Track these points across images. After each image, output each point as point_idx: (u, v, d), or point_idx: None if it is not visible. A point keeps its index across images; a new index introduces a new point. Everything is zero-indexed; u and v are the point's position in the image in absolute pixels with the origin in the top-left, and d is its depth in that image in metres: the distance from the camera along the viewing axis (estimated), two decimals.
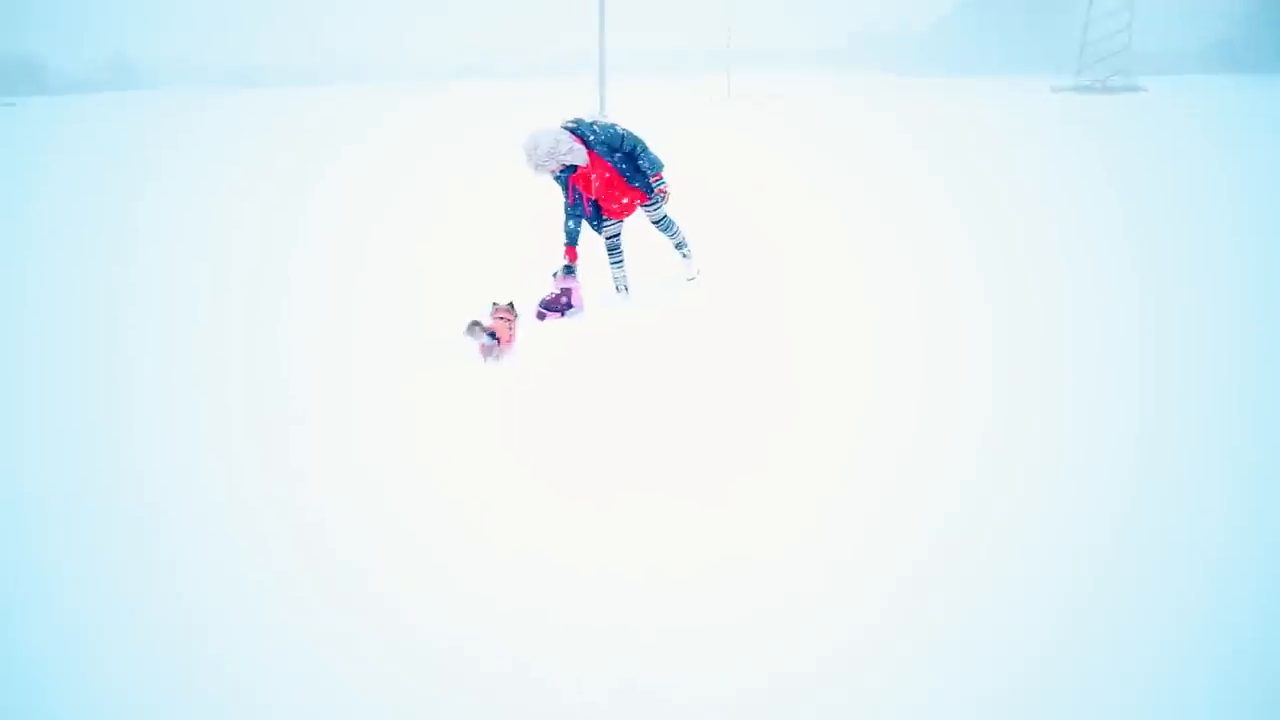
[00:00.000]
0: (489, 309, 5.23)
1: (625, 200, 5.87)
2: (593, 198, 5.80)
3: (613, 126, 5.63)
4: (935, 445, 3.95)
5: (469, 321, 4.90)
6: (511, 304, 5.33)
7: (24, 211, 11.63)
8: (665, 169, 5.84)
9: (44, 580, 3.02)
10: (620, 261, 6.20)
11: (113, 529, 3.33)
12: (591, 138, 5.54)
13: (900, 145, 18.32)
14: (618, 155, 5.62)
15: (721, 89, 46.27)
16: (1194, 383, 4.59)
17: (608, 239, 6.11)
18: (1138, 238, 8.08)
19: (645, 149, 5.71)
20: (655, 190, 5.82)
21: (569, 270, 5.99)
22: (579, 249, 6.04)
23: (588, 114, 5.91)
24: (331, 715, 2.41)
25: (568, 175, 5.64)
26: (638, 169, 5.72)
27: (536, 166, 5.48)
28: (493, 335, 4.90)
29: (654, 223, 6.21)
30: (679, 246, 6.41)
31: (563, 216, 5.95)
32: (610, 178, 5.70)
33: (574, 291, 5.97)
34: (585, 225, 6.01)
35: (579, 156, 5.49)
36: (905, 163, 14.99)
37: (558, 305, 5.88)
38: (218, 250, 8.77)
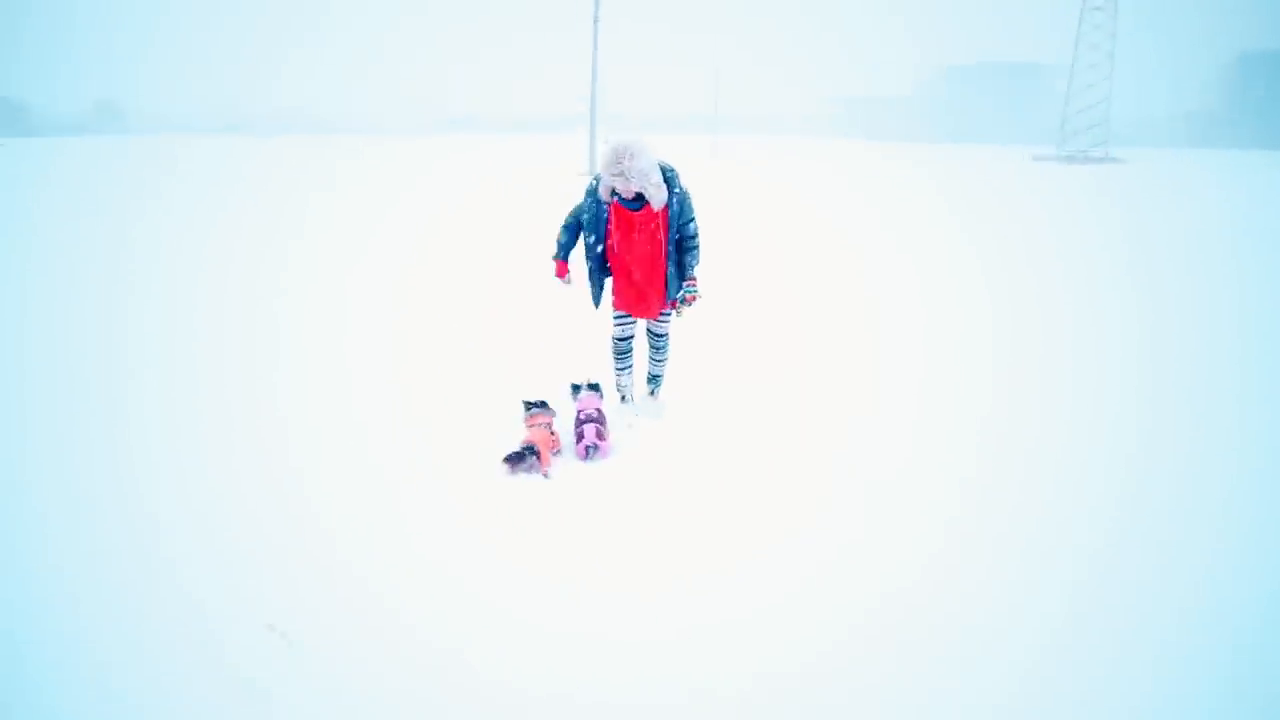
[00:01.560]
0: (523, 414, 4.32)
1: (650, 296, 4.49)
2: (616, 254, 4.44)
3: (688, 196, 4.35)
4: (932, 469, 4.02)
5: (505, 457, 3.89)
6: (544, 402, 4.42)
7: (21, 232, 11.87)
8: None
9: (44, 580, 2.99)
10: (629, 368, 4.84)
11: (113, 529, 3.31)
12: (678, 189, 4.25)
13: (884, 203, 18.65)
14: (675, 227, 4.33)
15: (707, 148, 47.10)
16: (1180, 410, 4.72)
17: (618, 340, 4.74)
18: (1124, 292, 8.49)
19: (700, 245, 4.44)
20: (685, 297, 4.42)
21: (593, 388, 4.61)
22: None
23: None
24: (333, 712, 2.39)
25: (614, 205, 4.30)
26: (679, 258, 4.40)
27: (618, 174, 4.08)
28: (531, 450, 3.94)
29: (654, 334, 4.77)
30: (656, 378, 4.90)
31: (559, 220, 4.53)
32: (655, 250, 4.36)
33: (603, 417, 4.38)
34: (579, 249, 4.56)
35: (658, 197, 4.18)
36: (890, 218, 15.19)
37: (603, 421, 4.34)
38: (211, 267, 8.74)
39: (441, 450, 4.11)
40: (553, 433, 4.21)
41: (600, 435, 4.14)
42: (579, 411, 4.34)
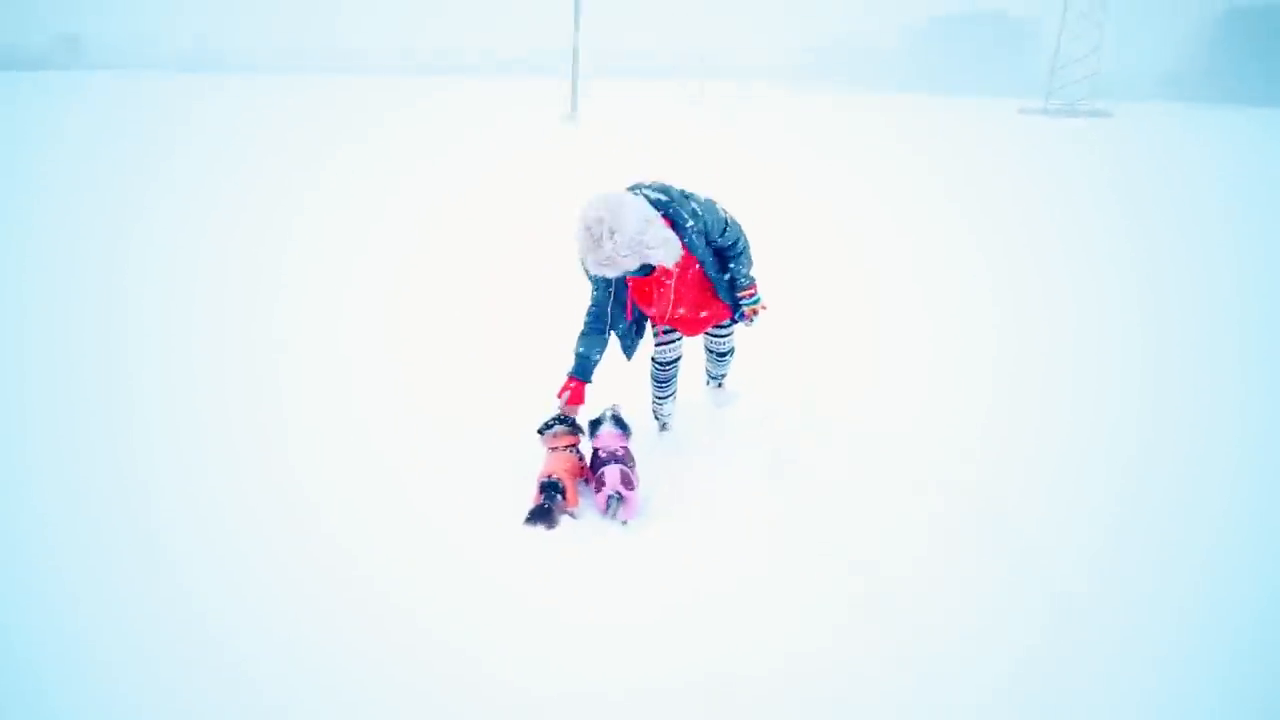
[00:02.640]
0: (540, 438, 3.55)
1: (705, 314, 3.70)
2: (654, 311, 3.62)
3: (713, 205, 3.42)
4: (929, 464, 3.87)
5: (529, 512, 3.21)
6: (564, 419, 3.53)
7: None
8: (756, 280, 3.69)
9: (43, 580, 2.93)
10: (672, 395, 4.05)
11: (113, 528, 3.24)
12: (690, 223, 3.29)
13: (870, 151, 18.68)
14: (709, 248, 3.46)
15: (695, 92, 46.33)
16: (1180, 392, 4.73)
17: (661, 364, 3.90)
18: (1114, 250, 8.66)
19: (746, 246, 3.56)
20: (743, 311, 3.62)
21: (618, 423, 3.58)
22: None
23: (676, 182, 3.43)
24: (333, 712, 2.37)
25: (631, 275, 3.40)
26: (724, 273, 3.55)
27: (606, 263, 3.11)
28: (554, 489, 3.22)
29: (716, 353, 4.02)
30: (719, 377, 4.21)
31: (580, 323, 3.58)
32: (694, 278, 3.51)
33: (630, 458, 3.52)
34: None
35: (668, 253, 3.21)
36: (876, 167, 15.18)
37: (629, 461, 3.48)
38: (207, 246, 8.28)
39: (446, 443, 3.97)
40: (580, 458, 3.46)
41: (627, 482, 3.26)
42: (597, 450, 3.46)
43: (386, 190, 11.77)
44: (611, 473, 3.27)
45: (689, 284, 3.48)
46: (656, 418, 4.07)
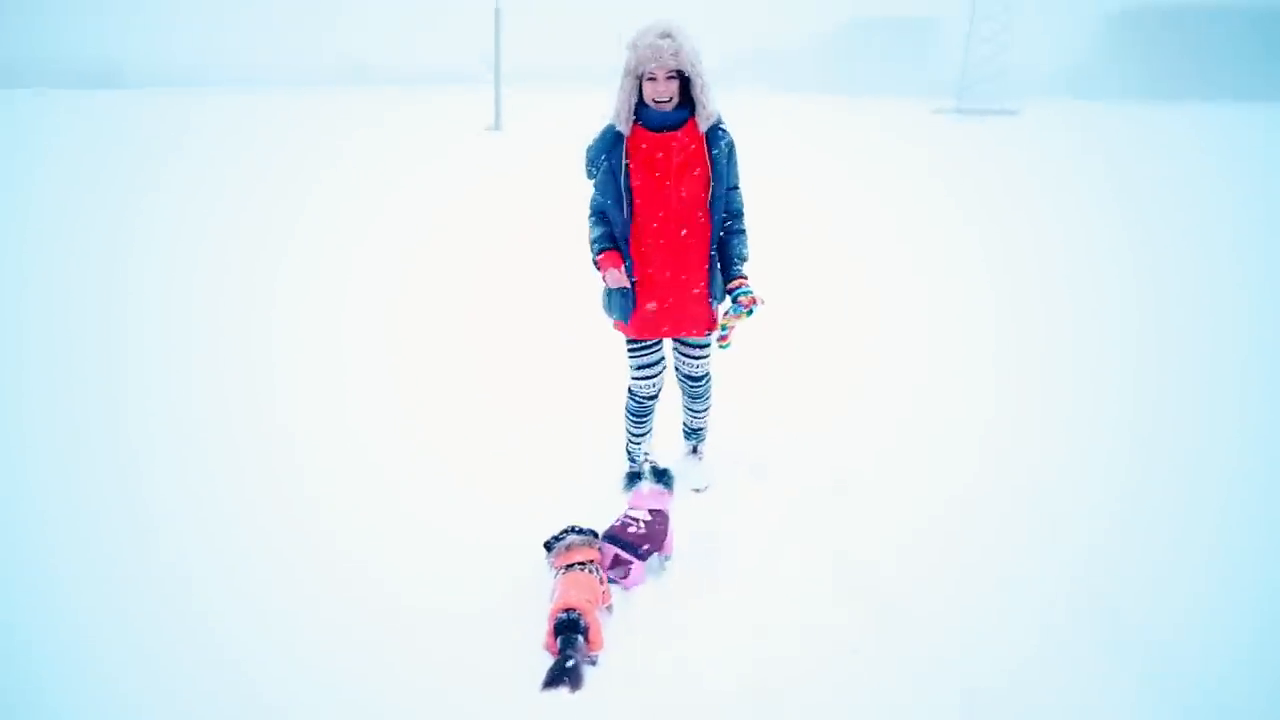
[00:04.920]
0: (547, 555, 2.88)
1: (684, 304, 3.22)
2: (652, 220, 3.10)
3: (735, 146, 3.14)
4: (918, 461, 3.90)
5: (549, 674, 2.44)
6: (578, 528, 2.91)
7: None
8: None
9: (43, 578, 2.96)
10: (648, 433, 3.62)
11: (113, 528, 3.27)
12: (726, 136, 3.06)
13: (794, 154, 18.88)
14: (719, 193, 3.09)
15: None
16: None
17: (639, 399, 3.48)
18: (1034, 242, 9.14)
19: (745, 224, 3.24)
20: (741, 301, 3.13)
21: (660, 476, 3.29)
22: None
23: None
24: (333, 712, 2.37)
25: (634, 136, 3.01)
26: (720, 248, 3.21)
27: (665, 35, 2.84)
28: (576, 627, 2.50)
29: (690, 378, 3.51)
30: (696, 433, 3.75)
31: (590, 200, 3.20)
32: (691, 210, 3.08)
33: (666, 519, 3.08)
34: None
35: (708, 106, 2.97)
36: (803, 170, 15.28)
37: (642, 544, 2.95)
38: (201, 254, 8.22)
39: (444, 445, 4.02)
40: (602, 581, 2.75)
41: (637, 572, 2.88)
42: (625, 520, 3.00)
43: (292, 212, 11.21)
44: (637, 570, 2.87)
45: (683, 210, 3.06)
46: (631, 460, 3.65)
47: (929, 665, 2.53)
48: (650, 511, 3.02)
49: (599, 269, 3.14)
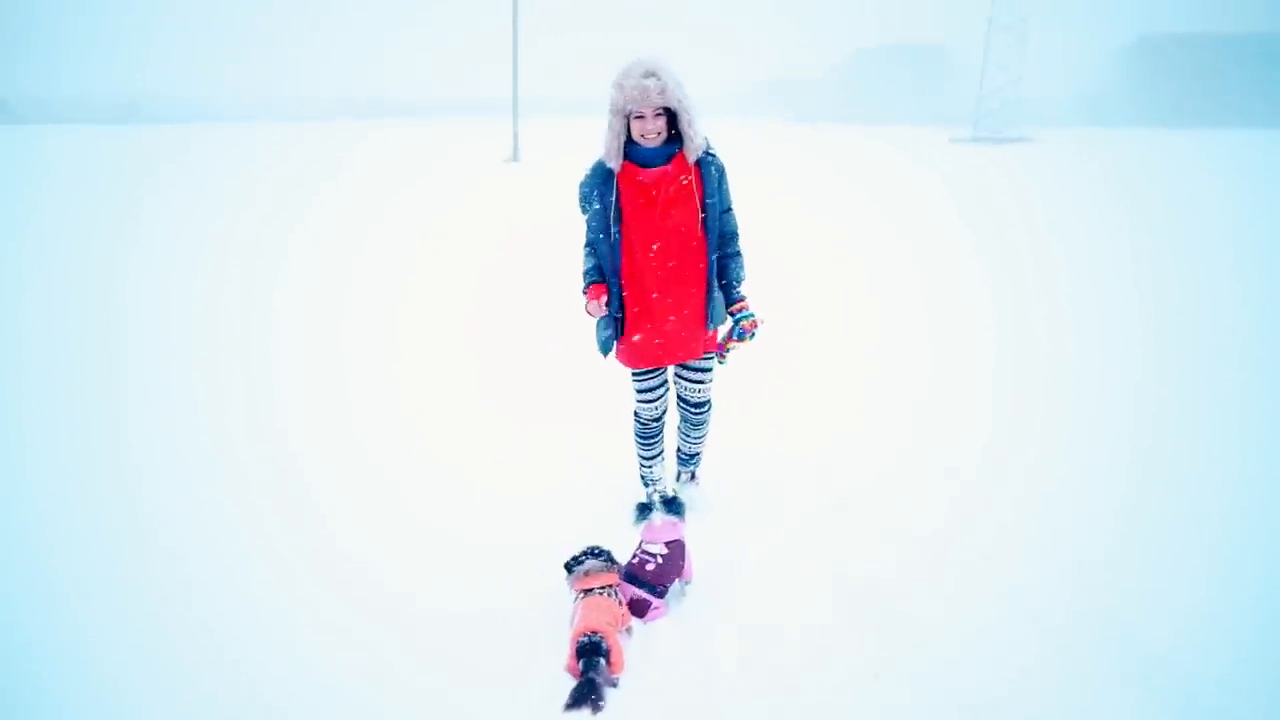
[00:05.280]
0: (568, 577, 2.85)
1: (682, 325, 3.22)
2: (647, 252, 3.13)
3: (725, 170, 3.19)
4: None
5: (571, 695, 2.43)
6: (599, 550, 2.88)
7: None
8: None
9: (43, 578, 2.98)
10: (659, 456, 3.62)
11: (113, 529, 3.31)
12: (713, 155, 3.13)
13: (818, 180, 19.08)
14: (714, 216, 3.12)
15: None
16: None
17: (645, 421, 3.52)
18: (1059, 265, 9.18)
19: (740, 246, 3.27)
20: (743, 325, 3.19)
21: (671, 505, 3.40)
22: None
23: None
24: (335, 710, 2.38)
25: (624, 171, 3.06)
26: (718, 273, 3.23)
27: (650, 74, 2.90)
28: (598, 650, 2.52)
29: (691, 405, 3.50)
30: (693, 457, 3.69)
31: (584, 234, 3.25)
32: (685, 238, 3.12)
33: (682, 548, 3.03)
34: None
35: (695, 140, 3.03)
36: (830, 198, 15.35)
37: (660, 581, 2.93)
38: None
39: (444, 451, 4.09)
40: (621, 604, 2.78)
41: (656, 611, 2.86)
42: (641, 556, 2.97)
43: (310, 239, 11.46)
44: (657, 611, 2.85)
45: (678, 239, 3.09)
46: (645, 484, 3.64)
47: (931, 675, 2.54)
48: (666, 545, 2.97)
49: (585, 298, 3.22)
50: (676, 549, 2.98)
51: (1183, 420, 4.53)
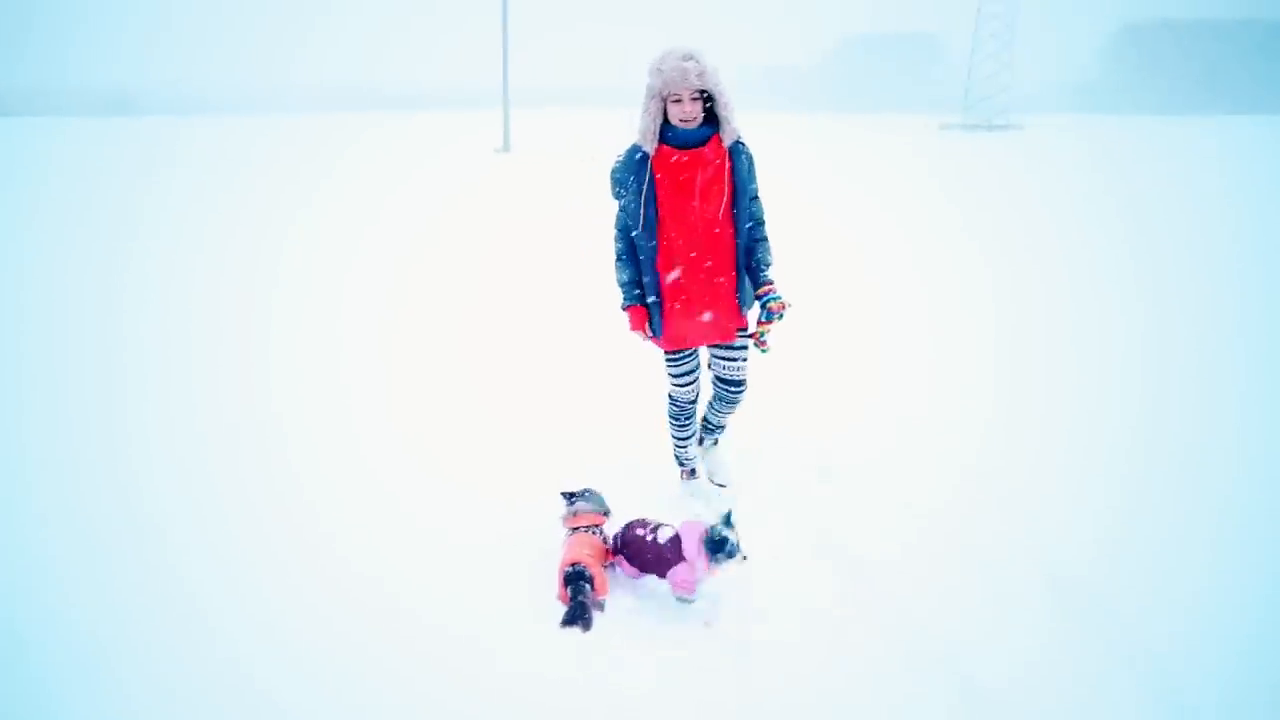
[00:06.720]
0: (564, 513, 3.14)
1: (709, 316, 3.30)
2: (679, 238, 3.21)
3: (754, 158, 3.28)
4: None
5: (565, 615, 2.74)
6: (589, 491, 3.17)
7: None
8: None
9: (43, 579, 2.97)
10: (693, 436, 3.75)
11: (113, 529, 3.30)
12: (746, 147, 3.21)
13: (806, 167, 18.85)
14: (743, 203, 3.21)
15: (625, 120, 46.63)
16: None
17: (679, 404, 3.60)
18: (1054, 250, 9.19)
19: (767, 232, 3.32)
20: (771, 307, 3.21)
21: (721, 546, 2.82)
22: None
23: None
24: (334, 710, 2.38)
25: (658, 156, 3.12)
26: (745, 258, 3.28)
27: (688, 57, 2.97)
28: (583, 576, 2.81)
29: (728, 383, 3.49)
30: (718, 428, 3.75)
31: (613, 243, 3.35)
32: (710, 222, 3.18)
33: (679, 545, 2.87)
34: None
35: (731, 122, 3.11)
36: (811, 182, 15.30)
37: (639, 555, 2.97)
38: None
39: (442, 450, 4.07)
40: (606, 541, 3.03)
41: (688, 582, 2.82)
42: (644, 521, 3.00)
43: (303, 232, 11.39)
44: (679, 573, 2.80)
45: (708, 222, 3.16)
46: (680, 463, 3.79)
47: (928, 664, 2.55)
48: (675, 533, 2.88)
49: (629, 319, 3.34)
50: (673, 545, 2.85)
51: (1184, 407, 4.55)
